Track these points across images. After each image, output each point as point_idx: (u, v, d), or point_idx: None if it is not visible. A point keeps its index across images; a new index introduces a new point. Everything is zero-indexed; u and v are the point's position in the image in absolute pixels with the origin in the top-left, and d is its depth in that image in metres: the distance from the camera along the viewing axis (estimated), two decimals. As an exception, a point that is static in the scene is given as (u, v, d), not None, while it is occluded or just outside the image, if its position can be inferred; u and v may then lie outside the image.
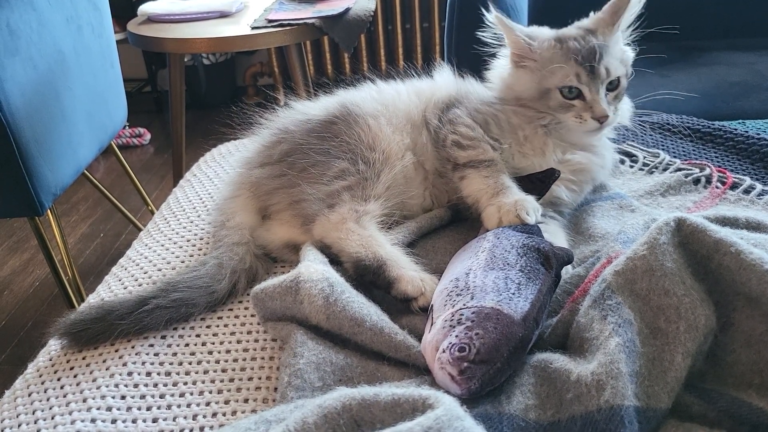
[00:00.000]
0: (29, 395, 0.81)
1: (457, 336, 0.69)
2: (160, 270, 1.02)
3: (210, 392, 0.79)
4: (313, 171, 1.00)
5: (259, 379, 0.80)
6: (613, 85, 1.02)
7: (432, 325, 0.75)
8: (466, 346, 0.68)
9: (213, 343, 0.86)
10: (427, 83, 1.17)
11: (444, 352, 0.69)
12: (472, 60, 1.16)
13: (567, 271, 0.88)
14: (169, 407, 0.77)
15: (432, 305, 0.79)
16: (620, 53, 1.04)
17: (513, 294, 0.74)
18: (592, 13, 1.08)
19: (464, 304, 0.74)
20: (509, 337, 0.69)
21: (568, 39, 1.02)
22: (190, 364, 0.83)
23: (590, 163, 1.07)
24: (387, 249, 0.91)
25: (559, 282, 0.82)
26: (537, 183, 1.01)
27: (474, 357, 0.67)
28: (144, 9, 2.39)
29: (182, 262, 1.04)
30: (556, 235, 0.98)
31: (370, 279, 0.89)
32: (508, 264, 0.79)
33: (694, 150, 1.26)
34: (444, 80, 1.17)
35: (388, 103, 1.10)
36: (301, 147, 1.03)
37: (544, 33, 1.06)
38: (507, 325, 0.70)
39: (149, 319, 0.86)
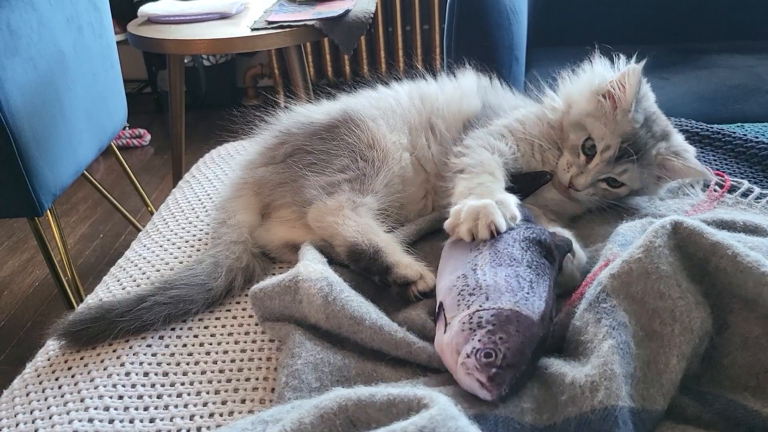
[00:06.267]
0: (27, 395, 0.81)
1: (480, 341, 0.68)
2: (158, 271, 1.02)
3: (207, 393, 0.79)
4: (316, 166, 1.02)
5: (257, 379, 0.80)
6: (615, 183, 1.00)
7: (447, 325, 0.73)
8: (492, 351, 0.67)
9: (211, 344, 0.87)
10: (434, 88, 1.16)
11: (469, 357, 0.68)
12: (470, 62, 1.16)
13: (580, 263, 0.88)
14: (166, 407, 0.77)
15: (441, 303, 0.78)
16: (654, 181, 1.02)
17: (528, 294, 0.74)
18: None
19: (480, 305, 0.72)
20: (531, 339, 0.69)
21: (651, 121, 1.00)
22: (187, 364, 0.83)
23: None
24: (382, 236, 0.92)
25: (560, 271, 0.82)
26: (529, 181, 1.01)
27: (501, 362, 0.66)
28: (144, 10, 2.39)
29: (180, 263, 1.04)
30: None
31: (364, 265, 0.89)
32: (515, 260, 0.78)
33: (692, 153, 1.26)
34: (466, 89, 1.15)
35: (386, 107, 1.11)
36: (303, 148, 1.05)
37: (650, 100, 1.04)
38: (528, 326, 0.70)
39: (148, 316, 0.87)
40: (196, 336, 0.88)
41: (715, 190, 1.10)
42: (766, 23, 2.22)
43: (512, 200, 0.88)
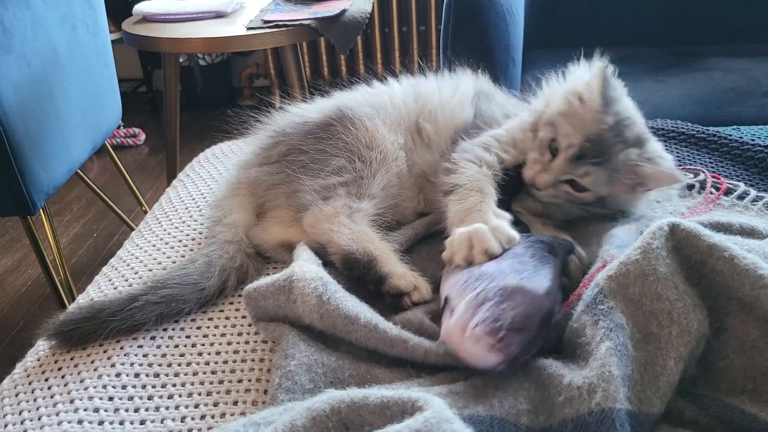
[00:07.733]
0: (16, 395, 0.80)
1: (487, 311, 0.69)
2: (150, 270, 1.02)
3: (199, 394, 0.78)
4: (311, 167, 1.00)
5: (249, 381, 0.79)
6: (577, 186, 0.96)
7: (452, 311, 0.74)
8: (499, 317, 0.68)
9: (203, 344, 0.86)
10: (432, 87, 1.14)
11: (476, 326, 0.68)
12: (467, 62, 1.16)
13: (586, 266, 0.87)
14: (157, 409, 0.76)
15: (447, 296, 0.78)
16: (626, 190, 0.96)
17: (532, 273, 0.75)
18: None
19: (486, 286, 0.73)
20: (538, 308, 0.69)
21: (622, 126, 0.95)
22: (179, 365, 0.82)
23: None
24: (377, 245, 0.92)
25: (563, 270, 0.82)
26: (514, 175, 1.00)
27: (509, 325, 0.67)
28: (139, 8, 2.38)
29: (173, 262, 1.03)
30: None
31: (359, 273, 0.88)
32: (517, 254, 0.80)
33: (688, 155, 1.26)
34: (462, 96, 1.13)
35: (380, 105, 1.09)
36: (298, 147, 1.03)
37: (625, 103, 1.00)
38: (533, 297, 0.70)
39: (140, 315, 0.86)
40: (188, 336, 0.87)
41: (711, 193, 1.10)
42: (761, 27, 2.23)
43: (505, 224, 0.86)
